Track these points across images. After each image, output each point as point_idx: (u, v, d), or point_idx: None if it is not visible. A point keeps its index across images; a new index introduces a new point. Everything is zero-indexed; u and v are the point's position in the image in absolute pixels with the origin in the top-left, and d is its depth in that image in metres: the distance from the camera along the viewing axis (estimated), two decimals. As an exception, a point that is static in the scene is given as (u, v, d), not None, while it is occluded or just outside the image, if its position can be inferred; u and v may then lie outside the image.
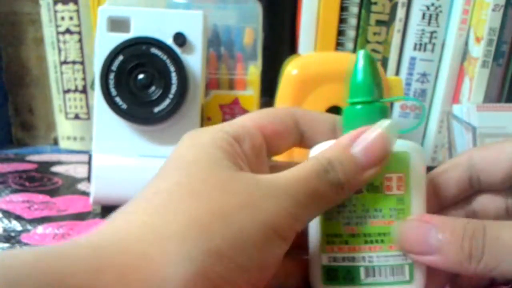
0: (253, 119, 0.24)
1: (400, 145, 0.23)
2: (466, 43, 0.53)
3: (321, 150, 0.23)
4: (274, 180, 0.20)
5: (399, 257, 0.22)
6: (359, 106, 0.23)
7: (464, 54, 0.53)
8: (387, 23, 0.53)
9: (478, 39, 0.51)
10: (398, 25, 0.53)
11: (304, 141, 0.25)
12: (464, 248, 0.21)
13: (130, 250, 0.17)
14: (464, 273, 0.22)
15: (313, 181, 0.20)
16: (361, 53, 0.23)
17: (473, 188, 0.25)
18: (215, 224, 0.18)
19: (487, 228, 0.21)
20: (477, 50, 0.51)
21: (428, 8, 0.52)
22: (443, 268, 0.22)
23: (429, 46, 0.53)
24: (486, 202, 0.25)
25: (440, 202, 0.25)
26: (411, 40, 0.53)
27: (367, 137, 0.22)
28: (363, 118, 0.23)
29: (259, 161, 0.24)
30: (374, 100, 0.23)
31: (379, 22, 0.53)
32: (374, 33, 0.53)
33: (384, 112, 0.23)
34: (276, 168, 0.25)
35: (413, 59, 0.54)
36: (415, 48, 0.53)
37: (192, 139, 0.23)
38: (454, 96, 0.54)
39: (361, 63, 0.23)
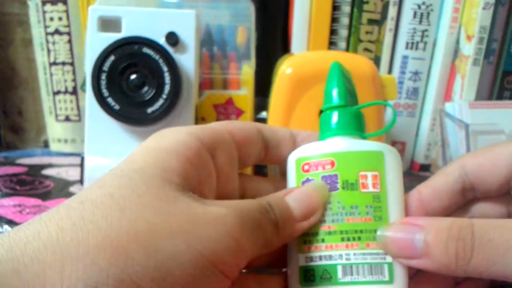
0: (223, 125, 0.23)
1: (374, 146, 0.23)
2: (457, 41, 0.53)
3: (301, 152, 0.24)
4: (218, 205, 0.19)
5: (377, 256, 0.22)
6: (333, 112, 0.24)
7: (456, 52, 0.53)
8: (379, 22, 0.53)
9: (469, 37, 0.52)
10: (390, 24, 0.53)
11: (268, 152, 0.25)
12: (449, 250, 0.20)
13: (24, 270, 0.15)
14: (455, 275, 0.21)
15: (257, 214, 0.20)
16: (333, 65, 0.25)
17: (466, 198, 0.24)
18: (135, 249, 0.16)
19: (475, 227, 0.20)
20: (468, 48, 0.52)
21: (419, 7, 0.53)
22: (433, 271, 0.21)
23: (420, 45, 0.54)
24: (486, 210, 0.24)
25: (431, 216, 0.23)
26: (403, 38, 0.53)
27: (300, 191, 0.22)
28: (338, 122, 0.24)
29: (232, 173, 0.23)
30: (347, 105, 0.24)
31: (371, 21, 0.53)
32: (366, 32, 0.53)
33: (357, 117, 0.24)
34: (244, 179, 0.25)
35: (405, 57, 0.54)
36: (407, 47, 0.54)
37: (155, 140, 0.21)
38: (446, 94, 0.55)
39: (333, 73, 0.25)
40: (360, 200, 0.22)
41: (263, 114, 0.53)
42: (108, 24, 0.42)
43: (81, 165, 0.42)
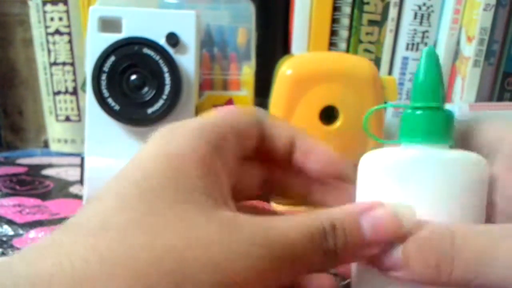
0: (225, 120, 0.22)
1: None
2: (458, 43, 0.53)
3: (371, 160, 0.21)
4: (257, 230, 0.18)
5: None
6: (419, 112, 0.21)
7: (456, 53, 0.53)
8: (380, 23, 0.53)
9: (469, 39, 0.52)
10: (390, 25, 0.53)
11: (264, 145, 0.24)
12: (429, 262, 0.18)
13: None
14: (440, 286, 0.19)
15: (304, 245, 0.18)
16: (425, 51, 0.21)
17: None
18: (165, 284, 0.16)
19: (456, 238, 0.18)
20: (469, 50, 0.52)
21: (420, 8, 0.53)
22: (415, 283, 0.19)
23: (421, 46, 0.54)
24: None
25: None
26: (403, 40, 0.53)
27: (380, 213, 0.19)
28: (426, 125, 0.21)
29: (236, 167, 0.22)
30: (439, 106, 0.21)
31: (371, 22, 0.53)
32: (367, 33, 0.53)
33: (449, 121, 0.21)
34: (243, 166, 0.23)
35: (405, 59, 0.54)
36: (407, 48, 0.54)
37: (163, 144, 0.20)
38: (447, 95, 0.55)
39: (424, 62, 0.21)
40: None
41: (263, 115, 0.53)
42: (108, 24, 0.42)
43: (81, 166, 0.43)
